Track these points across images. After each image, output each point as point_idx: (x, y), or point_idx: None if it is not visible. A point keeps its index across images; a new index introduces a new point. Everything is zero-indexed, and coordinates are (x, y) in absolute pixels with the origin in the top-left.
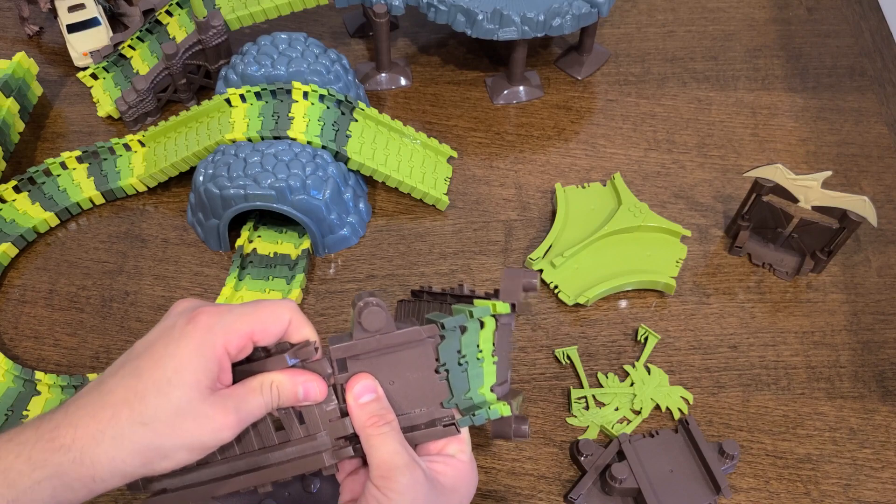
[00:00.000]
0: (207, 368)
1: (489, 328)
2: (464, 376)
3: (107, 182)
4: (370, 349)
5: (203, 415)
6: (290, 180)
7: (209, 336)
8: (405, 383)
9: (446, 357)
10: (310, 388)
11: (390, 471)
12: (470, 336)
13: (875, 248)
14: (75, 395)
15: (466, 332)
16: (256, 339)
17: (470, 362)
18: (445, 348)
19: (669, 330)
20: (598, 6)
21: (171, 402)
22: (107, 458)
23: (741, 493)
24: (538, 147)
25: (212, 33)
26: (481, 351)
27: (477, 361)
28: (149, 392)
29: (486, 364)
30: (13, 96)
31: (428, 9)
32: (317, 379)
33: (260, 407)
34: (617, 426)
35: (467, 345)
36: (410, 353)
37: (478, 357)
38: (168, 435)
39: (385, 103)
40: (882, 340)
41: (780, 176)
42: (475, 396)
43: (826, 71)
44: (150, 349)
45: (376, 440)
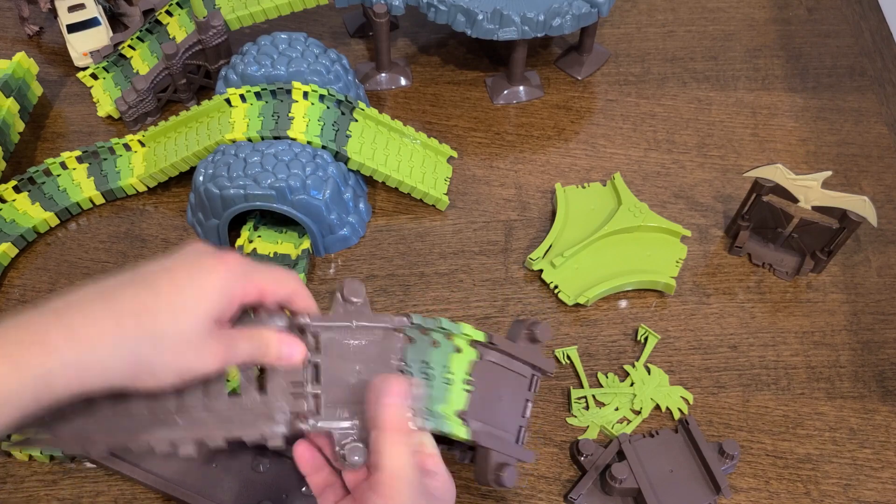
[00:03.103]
0: (221, 308)
1: (466, 356)
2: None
3: (107, 182)
4: (345, 322)
5: (203, 346)
6: (290, 180)
7: (233, 278)
8: (368, 376)
9: (411, 361)
10: (293, 350)
11: (399, 482)
12: (440, 353)
13: (875, 248)
14: (62, 298)
15: (438, 348)
16: (266, 294)
17: (435, 378)
18: (412, 352)
19: (669, 330)
20: (598, 6)
21: (182, 327)
22: (99, 366)
23: (741, 493)
24: (538, 147)
25: (212, 33)
26: (451, 373)
27: (442, 380)
28: (162, 311)
29: (455, 387)
30: (13, 96)
31: (428, 9)
32: (299, 345)
33: (246, 353)
34: (617, 426)
35: (436, 361)
36: (378, 345)
37: (445, 377)
38: (167, 356)
39: (385, 103)
40: (882, 340)
41: (780, 176)
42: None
43: (826, 71)
44: (170, 273)
45: (394, 447)
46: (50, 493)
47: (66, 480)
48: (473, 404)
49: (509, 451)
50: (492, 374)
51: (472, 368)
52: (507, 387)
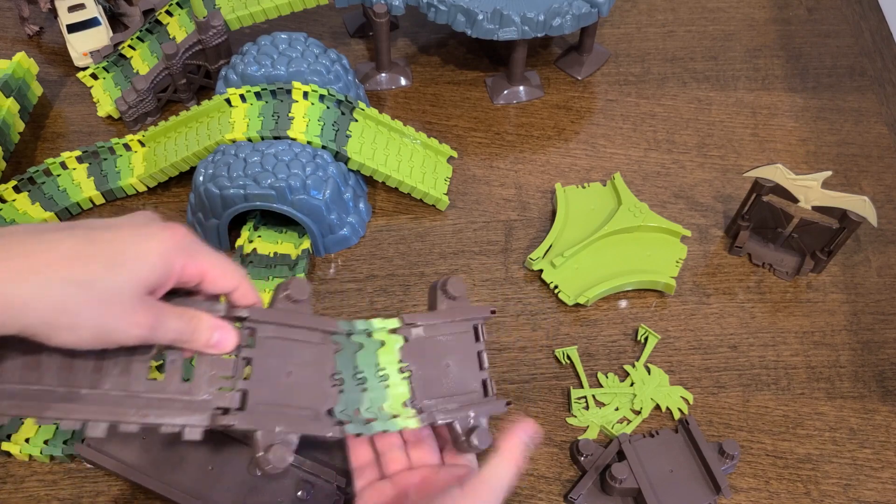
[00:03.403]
0: (158, 275)
1: (391, 344)
2: (358, 392)
3: (107, 182)
4: (285, 320)
5: (131, 307)
6: (290, 180)
7: (177, 250)
8: (300, 378)
9: (342, 367)
10: (225, 336)
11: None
12: (367, 354)
13: (875, 248)
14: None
15: (363, 350)
16: (207, 278)
17: (369, 379)
18: (341, 360)
19: (669, 330)
20: (598, 6)
21: (114, 282)
22: (20, 302)
23: (741, 493)
24: (538, 147)
25: (212, 33)
26: (383, 369)
27: (378, 379)
28: (97, 261)
29: (392, 380)
30: (13, 96)
31: (428, 9)
32: (233, 334)
33: (175, 330)
34: (617, 426)
35: (365, 363)
36: (312, 350)
37: (379, 375)
38: (92, 308)
39: (385, 103)
40: (882, 340)
41: (780, 176)
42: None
43: (826, 71)
44: (113, 229)
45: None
46: (50, 493)
47: (66, 480)
48: (418, 386)
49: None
50: (426, 348)
51: (402, 354)
52: (451, 351)
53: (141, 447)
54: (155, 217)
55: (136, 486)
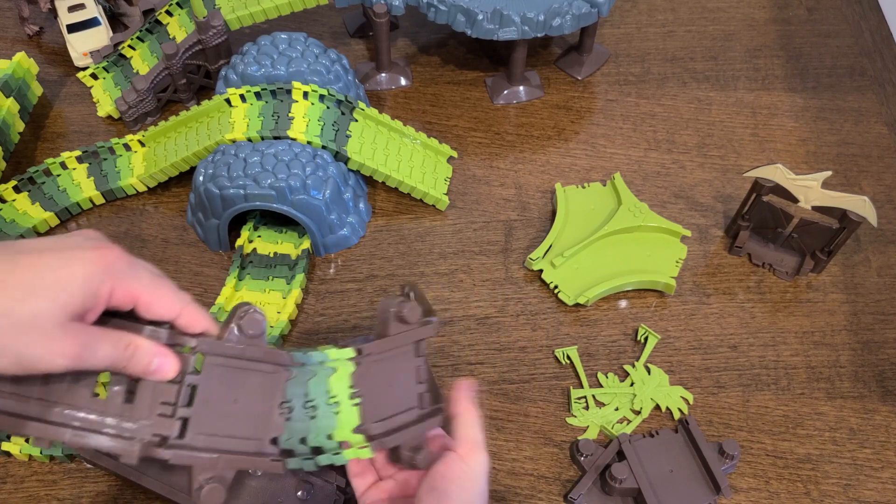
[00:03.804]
0: (83, 300)
1: (344, 371)
2: (307, 420)
3: (107, 182)
4: (235, 354)
5: (53, 334)
6: (290, 180)
7: (104, 274)
8: (246, 407)
9: (293, 396)
10: (164, 363)
11: (476, 446)
12: (319, 381)
13: (875, 248)
14: None
15: (315, 377)
16: (139, 305)
17: (319, 407)
18: (292, 387)
19: (669, 330)
20: (598, 6)
21: (32, 307)
22: None
23: (741, 493)
24: (538, 147)
25: (212, 33)
26: (334, 396)
27: (328, 407)
28: (16, 288)
29: (343, 407)
30: (13, 96)
31: (428, 9)
32: (174, 359)
33: (107, 357)
34: (617, 426)
35: (316, 390)
36: (262, 379)
37: (329, 402)
38: (10, 335)
39: (385, 103)
40: (882, 340)
41: (780, 176)
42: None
43: (826, 71)
44: (38, 253)
45: (470, 420)
46: (50, 493)
47: (66, 480)
48: (367, 411)
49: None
50: (375, 372)
51: (354, 379)
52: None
53: None
54: (95, 237)
55: (136, 486)
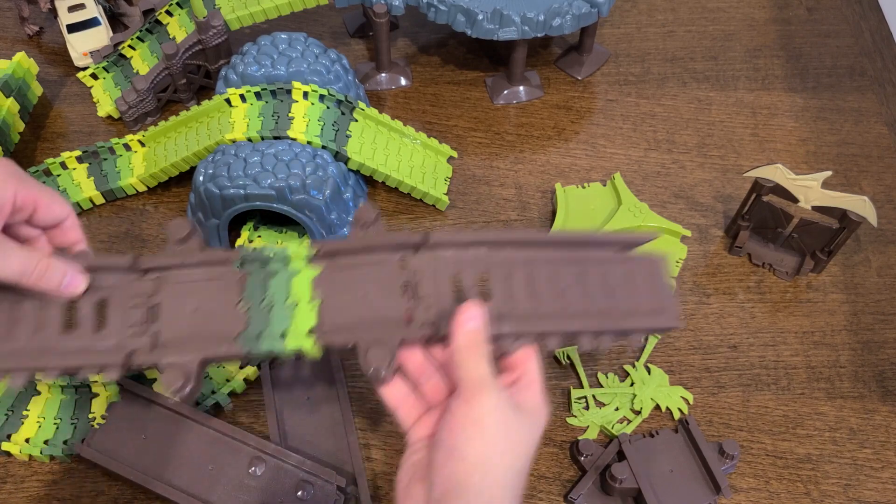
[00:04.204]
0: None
1: (306, 274)
2: (265, 316)
3: (107, 182)
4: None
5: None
6: (290, 180)
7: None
8: (205, 311)
9: (250, 296)
10: (74, 280)
11: (480, 389)
12: (279, 280)
13: (875, 248)
14: None
15: (276, 276)
16: (39, 207)
17: (275, 305)
18: (251, 287)
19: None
20: (598, 6)
21: None
22: None
23: (741, 493)
24: (538, 147)
25: (212, 33)
26: (293, 296)
27: (285, 306)
28: None
29: (301, 308)
30: (13, 96)
31: (428, 9)
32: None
33: (17, 267)
34: (617, 426)
35: (275, 289)
36: (216, 283)
37: (288, 302)
38: None
39: (385, 103)
40: (882, 340)
41: (780, 176)
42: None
43: (826, 71)
44: None
45: (470, 361)
46: (50, 493)
47: (66, 480)
48: (329, 315)
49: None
50: (343, 279)
51: (316, 283)
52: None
53: (141, 447)
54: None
55: (136, 486)
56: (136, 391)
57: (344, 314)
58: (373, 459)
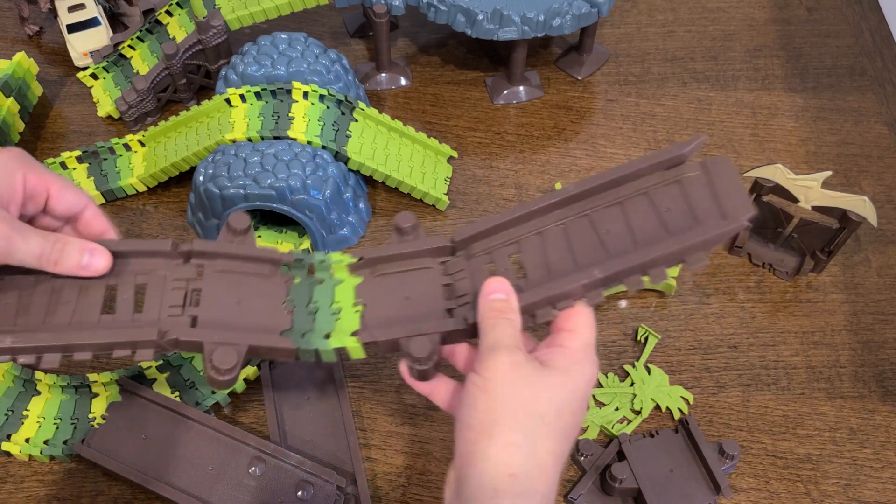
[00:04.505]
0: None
1: (349, 283)
2: (309, 318)
3: (107, 182)
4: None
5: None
6: (290, 180)
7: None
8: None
9: (296, 300)
10: (95, 258)
11: (489, 354)
12: (325, 288)
13: (875, 248)
14: None
15: (322, 284)
16: (52, 194)
17: (320, 310)
18: (296, 292)
19: (669, 330)
20: (598, 6)
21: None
22: None
23: (741, 493)
24: (538, 147)
25: (212, 33)
26: (338, 303)
27: (329, 312)
28: None
29: (345, 313)
30: (13, 96)
31: (428, 9)
32: (105, 255)
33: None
34: (617, 426)
35: (321, 296)
36: (263, 282)
37: (332, 308)
38: None
39: (385, 103)
40: (882, 340)
41: (780, 176)
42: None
43: (826, 71)
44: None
45: (490, 328)
46: (50, 493)
47: (66, 480)
48: (370, 319)
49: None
50: (385, 285)
51: (359, 291)
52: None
53: (141, 447)
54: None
55: (136, 486)
56: (136, 391)
57: (386, 315)
58: (373, 459)
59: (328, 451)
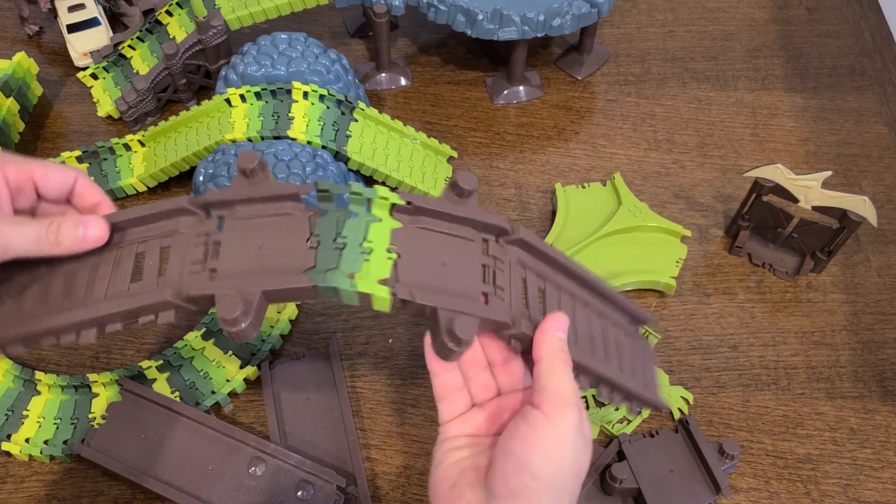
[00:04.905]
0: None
1: (386, 224)
2: (335, 254)
3: (107, 182)
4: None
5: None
6: (290, 180)
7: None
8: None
9: (322, 232)
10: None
11: (566, 405)
12: (357, 223)
13: (875, 248)
14: None
15: (354, 218)
16: (38, 180)
17: (348, 246)
18: (323, 224)
19: (669, 330)
20: (598, 6)
21: None
22: None
23: (741, 493)
24: (538, 147)
25: (212, 33)
26: (370, 241)
27: (359, 250)
28: None
29: (375, 256)
30: (13, 96)
31: (428, 9)
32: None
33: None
34: (617, 426)
35: (351, 230)
36: (285, 222)
37: (362, 246)
38: None
39: (385, 103)
40: (882, 340)
41: (780, 176)
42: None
43: (826, 71)
44: None
45: (558, 373)
46: (50, 493)
47: (66, 480)
48: (402, 272)
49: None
50: (424, 240)
51: (395, 236)
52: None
53: (141, 447)
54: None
55: (136, 486)
56: (136, 391)
57: (421, 275)
58: (373, 459)
59: (328, 451)
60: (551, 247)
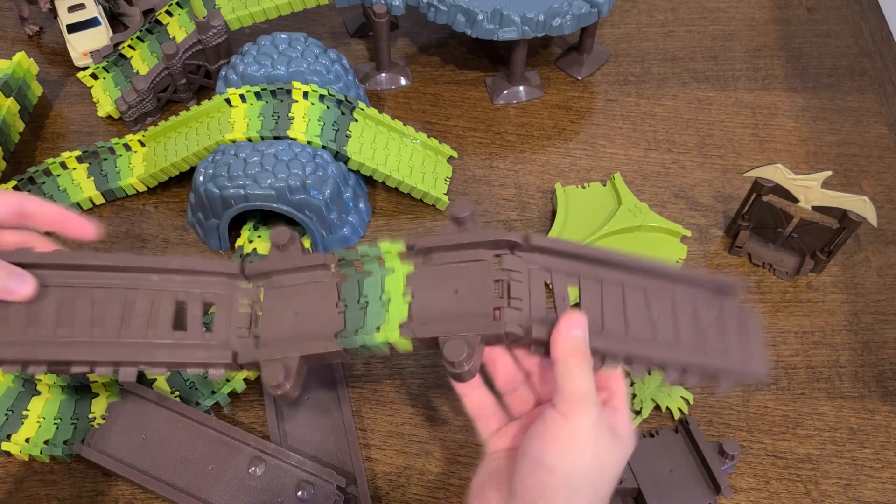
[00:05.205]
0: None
1: (400, 272)
2: (360, 314)
3: (107, 182)
4: (280, 267)
5: None
6: (290, 180)
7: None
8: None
9: (347, 294)
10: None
11: (582, 402)
12: (374, 280)
13: (875, 248)
14: None
15: (371, 276)
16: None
17: (370, 304)
18: (347, 289)
19: None
20: (598, 6)
21: None
22: None
23: (741, 493)
24: (538, 147)
25: (212, 33)
26: (387, 293)
27: (379, 304)
28: None
29: (393, 304)
30: (13, 96)
31: (428, 9)
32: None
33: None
34: None
35: (370, 288)
36: (316, 289)
37: (382, 300)
38: None
39: (385, 103)
40: (882, 340)
41: (780, 176)
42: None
43: (826, 71)
44: None
45: (574, 371)
46: (50, 493)
47: (66, 480)
48: (417, 311)
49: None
50: (435, 275)
51: (409, 280)
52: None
53: (141, 447)
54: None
55: (136, 486)
56: (136, 391)
57: (433, 308)
58: (373, 459)
59: (328, 451)
60: (577, 244)
